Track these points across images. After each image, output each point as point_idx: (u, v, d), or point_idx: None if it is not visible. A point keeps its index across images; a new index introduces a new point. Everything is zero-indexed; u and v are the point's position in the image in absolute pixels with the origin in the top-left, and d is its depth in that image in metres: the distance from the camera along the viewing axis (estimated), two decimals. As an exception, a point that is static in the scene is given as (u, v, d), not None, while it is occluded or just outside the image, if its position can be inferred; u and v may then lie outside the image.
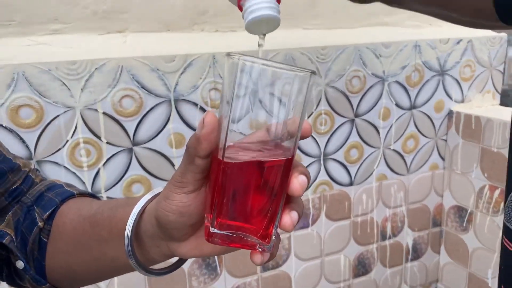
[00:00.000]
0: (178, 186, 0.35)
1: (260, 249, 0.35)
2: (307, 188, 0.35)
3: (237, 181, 0.33)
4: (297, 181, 0.34)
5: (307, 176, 0.35)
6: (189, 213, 0.36)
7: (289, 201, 0.36)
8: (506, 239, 0.49)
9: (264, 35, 0.41)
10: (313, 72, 0.31)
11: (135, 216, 0.39)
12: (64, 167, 0.80)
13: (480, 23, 0.59)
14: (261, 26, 0.36)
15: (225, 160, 0.32)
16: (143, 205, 0.40)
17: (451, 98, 1.15)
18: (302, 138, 0.34)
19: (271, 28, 0.37)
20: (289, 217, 0.35)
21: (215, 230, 0.34)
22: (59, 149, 0.79)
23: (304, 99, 0.32)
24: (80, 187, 0.69)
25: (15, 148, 0.75)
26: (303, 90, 0.31)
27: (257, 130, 0.32)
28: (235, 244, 0.35)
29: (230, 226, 0.34)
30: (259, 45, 0.41)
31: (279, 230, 0.36)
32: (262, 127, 0.32)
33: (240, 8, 0.37)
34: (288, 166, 0.34)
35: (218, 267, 0.97)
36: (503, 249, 0.49)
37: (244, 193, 0.33)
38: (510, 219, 0.48)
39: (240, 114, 0.31)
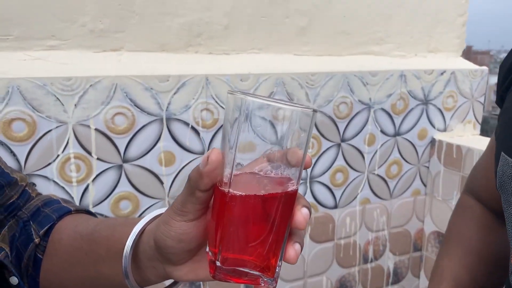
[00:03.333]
0: (179, 214, 0.36)
1: (263, 284, 0.35)
2: None
3: (243, 214, 0.33)
4: (300, 214, 0.34)
5: (309, 208, 0.35)
6: (188, 240, 0.36)
7: (291, 233, 0.36)
8: None
9: None
10: (315, 110, 0.33)
11: (134, 236, 0.39)
12: (54, 181, 0.80)
13: None
14: None
15: (230, 194, 0.32)
16: (143, 226, 0.40)
17: (434, 127, 1.19)
18: (304, 169, 0.35)
19: None
20: (293, 249, 0.35)
21: (221, 265, 0.34)
22: (49, 164, 0.79)
23: (307, 134, 0.33)
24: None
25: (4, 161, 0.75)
26: (306, 126, 0.33)
27: (260, 161, 0.33)
28: (240, 280, 0.34)
29: (236, 260, 0.34)
30: None
31: None
32: (264, 161, 0.33)
33: None
34: (292, 198, 0.34)
35: (202, 286, 0.97)
36: None
37: (249, 226, 0.33)
38: None
39: (244, 148, 0.32)
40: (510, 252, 0.53)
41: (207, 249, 0.36)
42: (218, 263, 0.34)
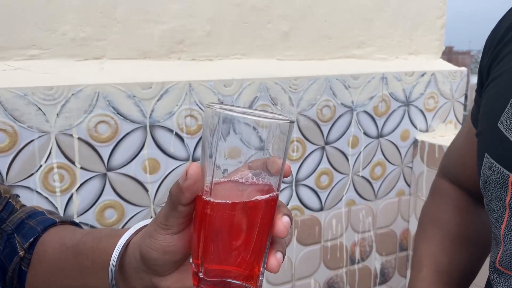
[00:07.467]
0: (162, 227, 0.36)
1: None
2: None
3: (222, 223, 0.33)
4: (281, 223, 0.35)
5: (290, 217, 0.36)
6: (173, 252, 0.36)
7: (273, 241, 0.36)
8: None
9: None
10: (291, 121, 0.34)
11: (120, 248, 0.40)
12: (37, 192, 0.79)
13: None
14: None
15: (209, 203, 0.33)
16: (128, 238, 0.40)
17: (416, 128, 1.21)
18: (283, 177, 0.35)
19: None
20: (275, 258, 0.36)
21: (204, 277, 0.34)
22: (32, 174, 0.78)
23: (285, 144, 0.34)
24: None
25: (-14, 173, 0.75)
26: (283, 136, 0.33)
27: (240, 171, 0.33)
28: None
29: (218, 271, 0.34)
30: None
31: None
32: (245, 170, 0.33)
33: None
34: (273, 206, 0.34)
35: (189, 292, 0.97)
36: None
37: (229, 235, 0.34)
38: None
39: (224, 159, 0.32)
40: (488, 236, 0.53)
41: (190, 261, 0.36)
42: (201, 275, 0.34)
